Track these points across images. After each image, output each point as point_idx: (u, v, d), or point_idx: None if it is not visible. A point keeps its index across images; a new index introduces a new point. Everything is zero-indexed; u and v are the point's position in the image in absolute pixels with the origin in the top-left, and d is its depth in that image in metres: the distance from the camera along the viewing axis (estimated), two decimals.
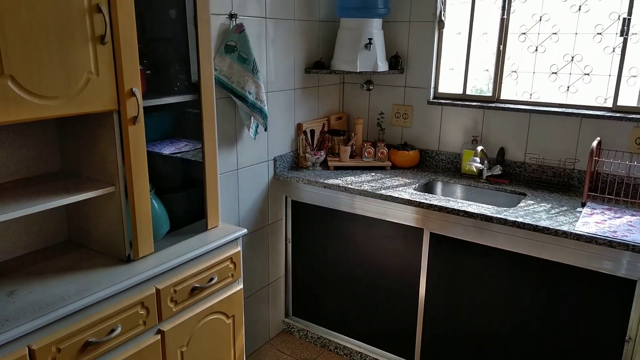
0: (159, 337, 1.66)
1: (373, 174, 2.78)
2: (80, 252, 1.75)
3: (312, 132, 2.90)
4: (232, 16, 2.27)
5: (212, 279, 1.83)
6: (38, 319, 1.32)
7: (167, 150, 1.92)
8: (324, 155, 2.87)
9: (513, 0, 2.64)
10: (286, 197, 2.86)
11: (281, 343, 2.95)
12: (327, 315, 2.86)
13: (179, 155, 1.94)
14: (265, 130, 2.46)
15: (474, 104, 2.77)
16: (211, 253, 1.83)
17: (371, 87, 3.11)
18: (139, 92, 1.54)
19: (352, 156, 2.95)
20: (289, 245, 2.95)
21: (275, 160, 2.76)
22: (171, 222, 1.86)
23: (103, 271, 1.60)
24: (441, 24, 2.83)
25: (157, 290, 1.63)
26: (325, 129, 2.98)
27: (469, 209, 2.19)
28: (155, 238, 1.73)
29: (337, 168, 2.87)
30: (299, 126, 2.89)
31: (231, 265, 1.92)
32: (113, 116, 1.54)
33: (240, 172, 2.54)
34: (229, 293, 1.94)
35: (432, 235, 2.36)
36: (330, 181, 2.60)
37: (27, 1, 1.25)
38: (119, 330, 1.51)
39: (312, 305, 2.92)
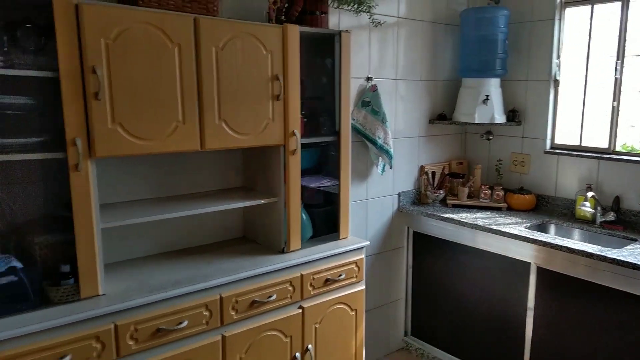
0: (300, 311, 2.17)
1: (488, 212, 3.04)
2: (251, 244, 2.39)
3: (434, 173, 3.30)
4: (368, 79, 2.86)
5: (340, 275, 2.32)
6: (226, 277, 1.94)
7: (314, 182, 2.49)
8: (443, 194, 3.23)
9: (626, 56, 2.79)
10: (408, 227, 3.26)
11: (399, 359, 3.26)
12: (443, 337, 3.11)
13: (321, 187, 2.52)
14: (391, 168, 2.95)
15: (590, 154, 2.91)
16: (341, 255, 2.33)
17: (490, 137, 3.41)
18: (298, 133, 2.16)
19: (469, 197, 3.25)
20: (410, 270, 3.31)
21: (399, 195, 3.21)
22: (313, 230, 2.41)
23: (266, 257, 2.19)
24: (556, 83, 3.07)
25: (301, 275, 2.17)
26: (446, 171, 3.35)
27: (574, 246, 2.35)
28: (301, 239, 2.29)
29: (454, 206, 3.19)
30: (421, 168, 3.31)
31: (356, 268, 2.40)
32: (280, 149, 2.17)
33: (369, 202, 3.03)
34: (353, 290, 2.40)
35: (540, 269, 2.54)
36: (447, 215, 2.95)
37: (237, 73, 1.95)
38: (274, 297, 2.07)
39: (429, 327, 3.20)
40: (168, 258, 2.17)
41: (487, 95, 3.09)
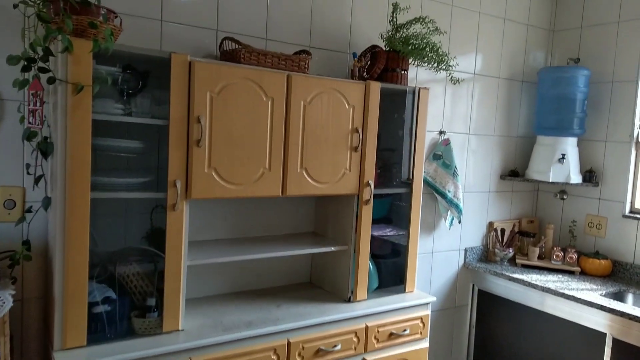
0: None
1: (560, 276, 3.01)
2: (317, 290, 2.50)
3: (503, 230, 3.31)
4: (441, 132, 2.97)
5: (405, 330, 2.37)
6: (294, 322, 2.05)
7: (381, 232, 2.60)
8: (512, 253, 3.23)
9: None
10: (473, 285, 3.27)
11: None
12: None
13: (389, 237, 2.61)
14: (459, 222, 3.01)
15: None
16: (407, 309, 2.39)
17: (565, 197, 3.40)
18: (372, 184, 2.29)
19: (540, 257, 3.23)
20: (472, 330, 3.29)
21: (465, 250, 3.23)
22: (379, 281, 2.49)
23: (332, 304, 2.29)
24: (638, 145, 3.06)
25: (367, 327, 2.24)
26: (516, 229, 3.36)
27: None
28: (367, 290, 2.38)
29: (524, 266, 3.18)
30: (490, 224, 3.34)
31: (421, 324, 2.44)
32: (354, 198, 2.30)
33: (435, 255, 3.09)
34: (417, 347, 2.44)
35: (615, 341, 2.49)
36: (516, 275, 2.94)
37: (320, 125, 2.12)
38: (339, 347, 2.15)
39: None
40: (239, 298, 2.32)
41: (563, 154, 3.12)
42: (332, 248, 2.30)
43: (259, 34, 2.32)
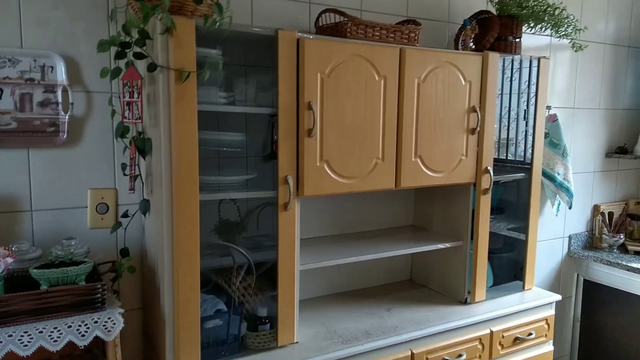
0: None
1: None
2: (422, 290, 2.27)
3: (611, 214, 2.99)
4: (547, 108, 2.66)
5: (530, 334, 2.12)
6: (417, 331, 1.83)
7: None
8: (623, 239, 2.91)
9: None
10: (577, 275, 2.97)
11: None
12: None
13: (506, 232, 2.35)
14: (570, 208, 2.70)
15: None
16: (531, 311, 2.13)
17: None
18: (491, 170, 2.03)
19: None
20: (577, 324, 3.00)
21: (570, 237, 2.94)
22: (493, 278, 2.24)
23: (449, 307, 2.06)
24: None
25: (491, 332, 2.00)
26: (625, 212, 3.03)
27: None
28: None
29: (637, 253, 2.86)
30: (595, 207, 3.02)
31: (546, 326, 2.19)
32: (469, 188, 2.04)
33: (538, 244, 2.79)
34: (542, 351, 2.19)
35: None
36: (634, 264, 2.64)
37: (435, 106, 1.87)
38: (464, 356, 1.92)
39: None
40: (342, 300, 2.12)
41: None
42: (447, 244, 2.06)
43: (354, 4, 2.07)
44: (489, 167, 2.03)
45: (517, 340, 2.09)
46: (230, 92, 1.59)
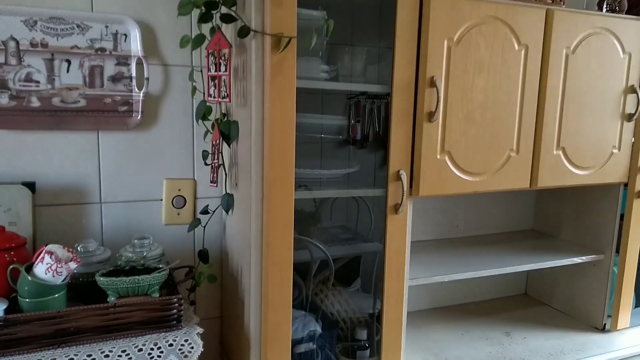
0: None
1: None
2: (541, 308, 1.89)
3: None
4: None
5: None
6: None
7: None
8: None
9: None
10: None
11: None
12: None
13: None
14: None
15: None
16: None
17: None
18: None
19: None
20: None
21: None
22: (636, 298, 1.82)
23: (581, 336, 1.67)
24: None
25: None
26: None
27: None
28: None
29: None
30: None
31: None
32: (618, 189, 1.63)
33: None
34: None
35: None
36: None
37: (584, 84, 1.46)
38: None
39: None
40: (446, 318, 1.79)
41: None
42: (585, 257, 1.66)
43: None
44: None
45: None
46: (332, 65, 1.28)
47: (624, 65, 1.52)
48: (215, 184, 1.32)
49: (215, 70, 1.21)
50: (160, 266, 1.22)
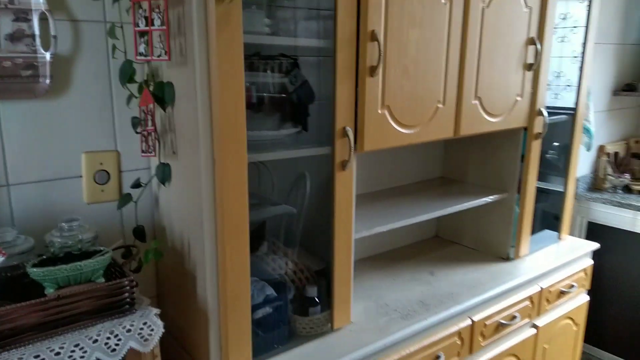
0: (534, 331, 1.86)
1: None
2: (452, 247, 2.07)
3: (616, 154, 2.91)
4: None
5: (572, 286, 1.99)
6: (476, 297, 1.63)
7: None
8: (629, 179, 2.85)
9: None
10: (582, 218, 2.90)
11: None
12: (621, 342, 2.80)
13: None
14: (588, 150, 2.57)
15: None
16: (573, 262, 1.99)
17: None
18: (545, 112, 1.80)
19: None
20: None
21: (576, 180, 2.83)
22: None
23: (492, 266, 1.87)
24: None
25: (541, 289, 1.84)
26: (630, 152, 2.96)
27: None
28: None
29: None
30: (601, 148, 2.92)
31: (584, 276, 2.07)
32: (519, 133, 1.81)
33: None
34: (580, 302, 2.08)
35: None
36: None
37: (494, 37, 1.58)
38: (518, 318, 1.76)
39: (604, 332, 2.89)
40: (375, 266, 1.88)
41: None
42: (494, 197, 1.84)
43: None
44: (542, 109, 1.80)
45: (561, 294, 1.96)
46: (273, 18, 1.21)
47: (526, 18, 1.66)
48: (153, 154, 1.20)
49: (146, 25, 1.07)
50: (101, 248, 1.09)
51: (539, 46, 1.70)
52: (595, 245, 2.09)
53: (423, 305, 1.58)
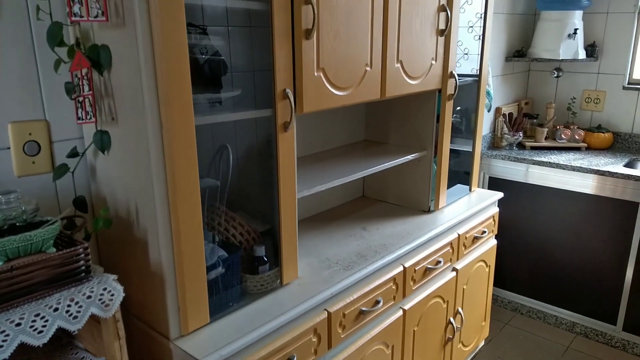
0: (454, 274, 2.08)
1: (572, 154, 3.06)
2: (378, 205, 2.23)
3: (510, 115, 3.25)
4: None
5: (484, 232, 2.24)
6: (406, 246, 1.78)
7: None
8: (521, 136, 3.20)
9: None
10: (484, 174, 3.22)
11: None
12: (519, 281, 3.18)
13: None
14: (489, 111, 2.85)
15: None
16: (483, 210, 2.24)
17: (560, 74, 3.39)
18: (456, 74, 1.98)
19: (545, 138, 3.26)
20: None
21: None
22: None
23: (417, 218, 2.05)
24: None
25: (459, 236, 2.06)
26: (522, 112, 3.32)
27: None
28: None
29: (533, 148, 3.19)
30: (497, 109, 3.24)
31: (493, 222, 2.33)
32: (434, 95, 1.98)
33: None
34: (490, 246, 2.35)
35: None
36: (540, 158, 2.92)
37: (414, 6, 1.70)
38: (441, 263, 1.95)
39: (506, 272, 3.26)
40: (310, 227, 1.98)
41: (576, 29, 3.03)
42: (415, 155, 2.00)
43: None
44: (453, 72, 1.98)
45: (475, 239, 2.19)
46: None
47: None
48: (93, 120, 1.17)
49: None
50: (48, 218, 1.06)
51: (449, 12, 1.86)
52: (500, 195, 2.36)
53: (361, 257, 1.70)
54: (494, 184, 3.17)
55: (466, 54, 2.38)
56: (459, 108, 2.38)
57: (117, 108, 1.18)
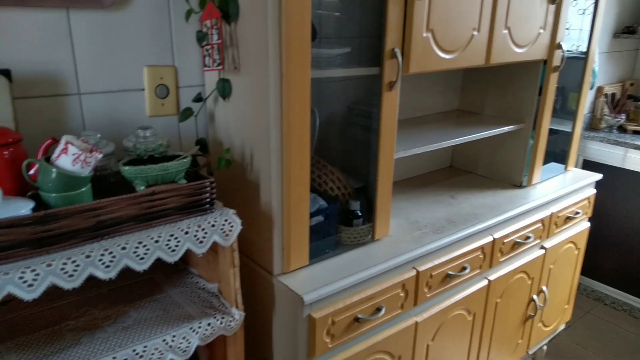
0: (543, 252, 2.07)
1: None
2: (467, 176, 2.23)
3: (613, 95, 3.08)
4: None
5: (577, 213, 2.19)
6: (497, 217, 1.80)
7: None
8: (624, 119, 3.04)
9: None
10: (578, 155, 3.10)
11: None
12: (606, 270, 3.07)
13: None
14: (592, 89, 2.73)
15: None
16: (579, 190, 2.18)
17: None
18: (564, 46, 1.92)
19: None
20: None
21: None
22: None
23: (508, 192, 2.04)
24: None
25: (551, 214, 2.03)
26: (627, 93, 3.14)
27: None
28: None
29: (635, 132, 3.02)
30: (599, 89, 3.09)
31: (587, 204, 2.27)
32: (539, 66, 1.94)
33: None
34: (582, 228, 2.30)
35: None
36: (639, 143, 2.77)
37: None
38: (531, 238, 1.95)
39: (591, 260, 3.16)
40: (398, 191, 2.03)
41: None
42: (512, 127, 1.99)
43: None
44: (561, 43, 1.92)
45: (567, 219, 2.15)
46: None
47: None
48: (221, 67, 1.29)
49: None
50: (180, 153, 1.19)
51: None
52: (599, 176, 2.28)
53: (450, 222, 1.74)
54: (588, 166, 3.05)
55: (567, 28, 2.29)
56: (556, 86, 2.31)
57: (241, 57, 1.28)
